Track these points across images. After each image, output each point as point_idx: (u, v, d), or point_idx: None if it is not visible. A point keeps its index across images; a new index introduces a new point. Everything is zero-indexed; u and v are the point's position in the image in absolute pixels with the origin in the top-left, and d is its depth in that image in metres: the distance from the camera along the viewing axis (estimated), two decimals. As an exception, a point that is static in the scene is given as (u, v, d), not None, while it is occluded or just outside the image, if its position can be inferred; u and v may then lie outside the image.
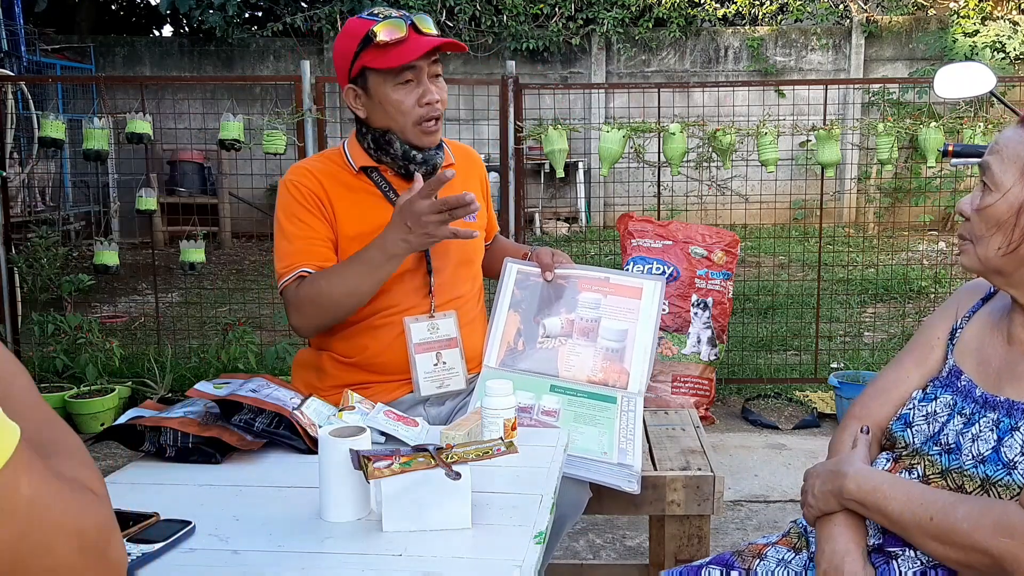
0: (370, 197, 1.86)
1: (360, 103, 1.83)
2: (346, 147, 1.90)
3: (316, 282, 1.76)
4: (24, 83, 7.30)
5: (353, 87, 1.82)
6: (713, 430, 3.84)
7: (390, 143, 1.82)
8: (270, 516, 1.22)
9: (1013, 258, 1.19)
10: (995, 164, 1.20)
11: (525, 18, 9.61)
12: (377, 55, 1.74)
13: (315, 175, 1.84)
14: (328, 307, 1.76)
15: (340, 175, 1.87)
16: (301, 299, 1.76)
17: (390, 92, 1.77)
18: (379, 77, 1.77)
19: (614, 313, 1.85)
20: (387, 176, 1.88)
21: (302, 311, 1.78)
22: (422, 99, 1.78)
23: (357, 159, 1.87)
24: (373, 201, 1.85)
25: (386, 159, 1.85)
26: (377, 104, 1.80)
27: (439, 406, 1.90)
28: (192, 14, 9.46)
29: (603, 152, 4.04)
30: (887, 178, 7.71)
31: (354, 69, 1.78)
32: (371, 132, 1.84)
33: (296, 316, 1.79)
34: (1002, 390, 1.21)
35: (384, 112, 1.80)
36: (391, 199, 1.85)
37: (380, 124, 1.82)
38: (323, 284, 1.75)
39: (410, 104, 1.78)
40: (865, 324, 5.54)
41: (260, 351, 4.28)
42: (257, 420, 1.49)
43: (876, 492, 1.19)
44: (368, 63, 1.76)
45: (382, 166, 1.87)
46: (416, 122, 1.79)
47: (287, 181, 1.85)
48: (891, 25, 9.64)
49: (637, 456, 1.64)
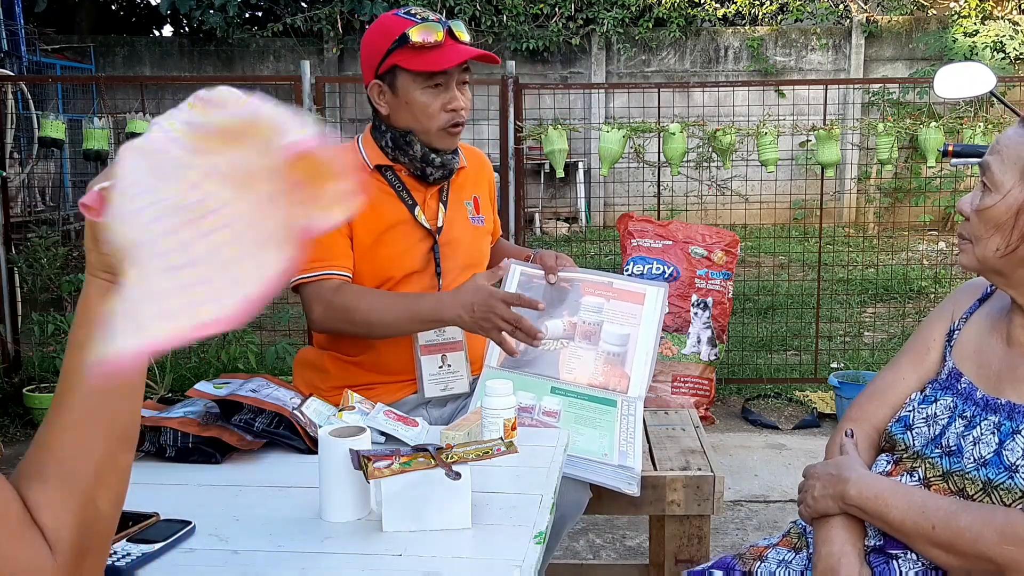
0: (383, 196, 1.86)
1: (384, 100, 1.82)
2: (361, 144, 1.89)
3: (357, 299, 1.76)
4: (24, 83, 7.30)
5: (379, 83, 1.81)
6: (713, 430, 3.84)
7: (410, 144, 1.83)
8: (270, 516, 1.22)
9: (1012, 259, 1.19)
10: (995, 165, 1.19)
11: (525, 18, 9.61)
12: (411, 56, 1.74)
13: None
14: (359, 324, 1.77)
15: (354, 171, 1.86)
16: (335, 305, 1.76)
17: (418, 94, 1.77)
18: (409, 78, 1.77)
19: (616, 317, 1.85)
20: (401, 176, 1.88)
21: (331, 314, 1.77)
22: (448, 104, 1.79)
23: (372, 157, 1.86)
24: (386, 200, 1.86)
25: (403, 159, 1.85)
26: (403, 104, 1.80)
27: (441, 407, 1.90)
28: (192, 14, 9.47)
29: (603, 152, 4.03)
30: (887, 178, 7.70)
31: (384, 66, 1.78)
32: (391, 131, 1.84)
33: (322, 314, 1.77)
34: (1003, 392, 1.21)
35: (409, 113, 1.80)
36: (404, 199, 1.86)
37: (402, 124, 1.82)
38: (363, 304, 1.75)
39: (436, 108, 1.79)
40: (865, 324, 5.54)
41: (260, 351, 4.27)
42: (257, 420, 1.49)
43: (878, 499, 1.19)
44: (400, 62, 1.75)
45: (397, 165, 1.87)
46: (440, 127, 1.80)
47: None
48: (891, 25, 9.64)
49: (637, 458, 1.64)
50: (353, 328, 1.79)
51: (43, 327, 4.15)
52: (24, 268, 4.31)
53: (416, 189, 1.88)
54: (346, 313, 1.75)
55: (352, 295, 1.77)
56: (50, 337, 4.17)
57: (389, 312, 1.75)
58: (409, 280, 1.85)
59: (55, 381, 4.21)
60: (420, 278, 1.87)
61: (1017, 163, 1.17)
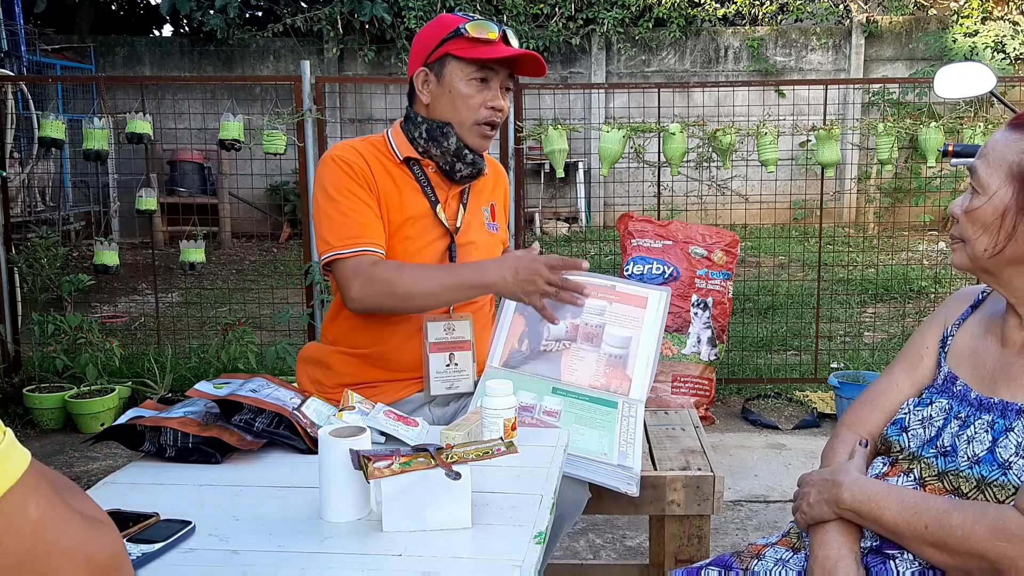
0: (409, 189, 1.87)
1: (428, 88, 1.85)
2: (390, 135, 1.91)
3: (399, 270, 1.76)
4: (24, 83, 7.30)
5: (426, 70, 1.84)
6: (713, 430, 3.84)
7: (446, 136, 1.84)
8: (270, 516, 1.22)
9: (1000, 259, 1.21)
10: (981, 168, 1.22)
11: (525, 18, 9.61)
12: (464, 45, 1.78)
13: (362, 155, 1.85)
14: (400, 296, 1.75)
15: (383, 161, 1.87)
16: (376, 278, 1.74)
17: (463, 85, 1.81)
18: (458, 65, 1.80)
19: (619, 320, 1.85)
20: (428, 171, 1.89)
21: (371, 287, 1.75)
22: (489, 102, 1.82)
23: (402, 149, 1.88)
24: (411, 193, 1.87)
25: (435, 152, 1.86)
26: (445, 92, 1.82)
27: (443, 407, 1.91)
28: (192, 15, 9.46)
29: (603, 152, 4.04)
30: (887, 178, 7.71)
31: (435, 54, 1.81)
32: (427, 122, 1.85)
33: (361, 289, 1.75)
34: (997, 391, 1.22)
35: (449, 102, 1.82)
36: (428, 194, 1.87)
37: (440, 115, 1.84)
38: (405, 275, 1.75)
39: (478, 102, 1.81)
40: (865, 324, 5.54)
41: (260, 351, 4.27)
42: (257, 420, 1.49)
43: (871, 502, 1.20)
44: (452, 50, 1.79)
45: (425, 160, 1.88)
46: (478, 122, 1.83)
47: (335, 157, 1.84)
48: (891, 25, 9.64)
49: (637, 459, 1.64)
50: (393, 301, 1.77)
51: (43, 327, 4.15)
52: (24, 268, 4.31)
53: (440, 187, 1.90)
54: (387, 285, 1.74)
55: (392, 267, 1.77)
56: (50, 337, 4.17)
57: (431, 280, 1.76)
58: None
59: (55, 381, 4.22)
60: None
61: (1002, 165, 1.20)
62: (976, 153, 2.57)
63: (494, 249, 2.02)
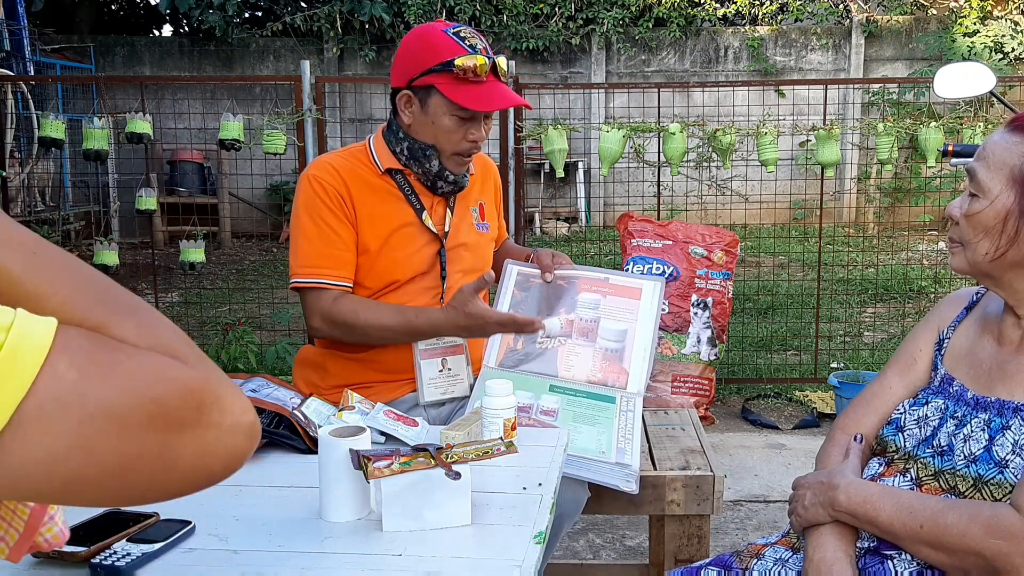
0: (392, 198, 1.87)
1: (411, 111, 1.83)
2: (372, 146, 1.90)
3: (357, 310, 1.80)
4: (24, 83, 7.29)
5: (410, 93, 1.81)
6: (713, 430, 3.84)
7: (428, 158, 1.84)
8: (270, 516, 1.22)
9: (1001, 263, 1.20)
10: (981, 171, 1.20)
11: (525, 18, 9.61)
12: (452, 84, 1.75)
13: (340, 173, 1.84)
14: (359, 334, 1.82)
15: (363, 174, 1.87)
16: (334, 317, 1.80)
17: (446, 120, 1.79)
18: (443, 103, 1.78)
19: (613, 313, 1.85)
20: (411, 180, 1.89)
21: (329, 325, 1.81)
22: (470, 136, 1.82)
23: (384, 160, 1.87)
24: (396, 203, 1.87)
25: (417, 169, 1.87)
26: (428, 122, 1.81)
27: (439, 408, 1.91)
28: (192, 14, 9.46)
29: (603, 152, 4.03)
30: (887, 178, 7.70)
31: (421, 80, 1.78)
32: (410, 140, 1.85)
33: (322, 323, 1.82)
34: (993, 391, 1.22)
35: (431, 131, 1.82)
36: (412, 203, 1.88)
37: (422, 139, 1.84)
38: (362, 315, 1.79)
39: (458, 137, 1.81)
40: (865, 324, 5.54)
41: (260, 351, 4.27)
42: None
43: (866, 504, 1.19)
44: (439, 85, 1.76)
45: (407, 170, 1.88)
46: (457, 152, 1.83)
47: (311, 176, 1.84)
48: (891, 25, 9.63)
49: (635, 455, 1.64)
50: (357, 337, 1.83)
51: (43, 327, 4.14)
52: (24, 268, 4.30)
53: (424, 194, 1.90)
54: (347, 323, 1.79)
55: (350, 308, 1.80)
56: (50, 337, 4.16)
57: (386, 323, 1.79)
58: (414, 283, 1.87)
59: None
60: (424, 280, 1.89)
61: (1003, 169, 1.18)
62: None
63: (485, 248, 2.02)
